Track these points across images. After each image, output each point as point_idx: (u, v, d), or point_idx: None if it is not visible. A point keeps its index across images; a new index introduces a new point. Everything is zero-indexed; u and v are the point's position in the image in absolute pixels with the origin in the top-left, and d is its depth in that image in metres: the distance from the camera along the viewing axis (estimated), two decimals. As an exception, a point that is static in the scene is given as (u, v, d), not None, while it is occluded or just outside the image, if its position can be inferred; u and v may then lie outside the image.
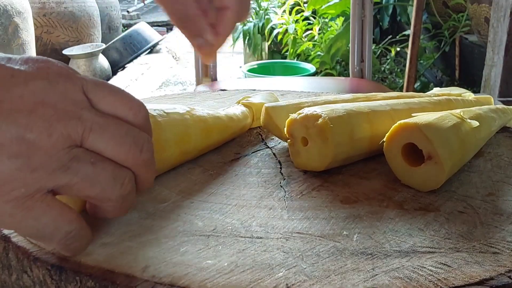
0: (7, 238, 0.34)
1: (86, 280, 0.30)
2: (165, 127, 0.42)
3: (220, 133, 0.49)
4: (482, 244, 0.34)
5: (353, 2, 1.28)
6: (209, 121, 0.47)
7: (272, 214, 0.37)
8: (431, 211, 0.38)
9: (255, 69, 2.14)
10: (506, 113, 0.56)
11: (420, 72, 2.54)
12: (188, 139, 0.44)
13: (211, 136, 0.48)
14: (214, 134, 0.48)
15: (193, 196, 0.40)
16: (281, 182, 0.43)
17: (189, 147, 0.45)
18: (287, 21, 2.66)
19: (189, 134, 0.44)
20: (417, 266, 0.31)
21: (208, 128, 0.47)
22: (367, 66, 1.31)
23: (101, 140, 0.29)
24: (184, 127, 0.44)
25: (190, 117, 0.45)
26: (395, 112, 0.48)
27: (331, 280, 0.30)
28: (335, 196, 0.40)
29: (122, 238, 0.34)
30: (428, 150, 0.39)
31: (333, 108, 0.44)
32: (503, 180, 0.44)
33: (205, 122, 0.47)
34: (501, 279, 0.30)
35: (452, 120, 0.43)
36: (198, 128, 0.45)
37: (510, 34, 1.63)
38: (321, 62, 2.49)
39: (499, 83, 1.68)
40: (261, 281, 0.29)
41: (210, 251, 0.32)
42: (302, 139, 0.44)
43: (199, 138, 0.46)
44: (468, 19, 2.27)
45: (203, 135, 0.46)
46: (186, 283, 0.29)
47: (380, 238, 0.34)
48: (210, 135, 0.47)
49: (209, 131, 0.47)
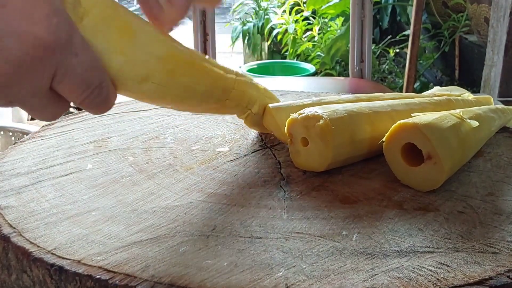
0: (7, 238, 0.34)
1: (86, 280, 0.30)
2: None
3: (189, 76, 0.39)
4: (482, 244, 0.34)
5: (352, 2, 1.28)
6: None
7: (272, 214, 0.37)
8: (430, 211, 0.38)
9: (254, 69, 2.14)
10: (506, 113, 0.56)
11: (420, 72, 2.54)
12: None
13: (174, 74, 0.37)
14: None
15: (193, 196, 0.40)
16: (280, 182, 0.43)
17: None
18: (287, 21, 2.66)
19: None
20: (416, 266, 0.31)
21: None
22: (366, 66, 1.31)
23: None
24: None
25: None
26: (396, 113, 0.48)
27: (331, 280, 0.30)
28: (335, 196, 0.40)
29: (122, 238, 0.34)
30: (428, 150, 0.40)
31: (334, 108, 0.44)
32: (503, 180, 0.44)
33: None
34: (501, 279, 0.30)
35: (451, 120, 0.43)
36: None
37: (509, 34, 1.63)
38: (321, 62, 2.49)
39: (499, 83, 1.68)
40: (260, 280, 0.29)
41: (210, 251, 0.32)
42: (302, 139, 0.44)
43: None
44: (468, 19, 2.27)
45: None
46: (185, 283, 0.29)
47: (379, 238, 0.34)
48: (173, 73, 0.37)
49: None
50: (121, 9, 0.33)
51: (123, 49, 0.33)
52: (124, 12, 0.34)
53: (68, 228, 0.35)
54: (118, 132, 0.55)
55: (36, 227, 0.35)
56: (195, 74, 0.39)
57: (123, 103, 0.65)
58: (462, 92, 0.62)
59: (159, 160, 0.47)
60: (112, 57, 0.32)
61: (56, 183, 0.43)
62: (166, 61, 0.36)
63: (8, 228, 0.35)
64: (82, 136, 0.53)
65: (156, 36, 0.36)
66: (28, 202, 0.39)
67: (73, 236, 0.34)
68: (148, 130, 0.55)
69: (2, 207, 0.38)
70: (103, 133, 0.54)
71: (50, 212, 0.38)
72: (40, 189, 0.41)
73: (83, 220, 0.36)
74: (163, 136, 0.54)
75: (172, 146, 0.51)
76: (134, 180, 0.43)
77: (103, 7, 0.32)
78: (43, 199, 0.40)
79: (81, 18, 0.30)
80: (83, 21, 0.31)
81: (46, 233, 0.35)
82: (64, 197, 0.40)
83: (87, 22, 0.31)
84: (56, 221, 0.36)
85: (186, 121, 0.58)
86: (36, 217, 0.37)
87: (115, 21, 0.33)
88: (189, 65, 0.39)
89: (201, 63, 0.40)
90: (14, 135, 1.26)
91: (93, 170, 0.45)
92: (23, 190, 0.41)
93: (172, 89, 0.37)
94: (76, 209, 0.38)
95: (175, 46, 0.38)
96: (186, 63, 0.38)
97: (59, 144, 0.51)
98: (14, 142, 0.55)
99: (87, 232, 0.35)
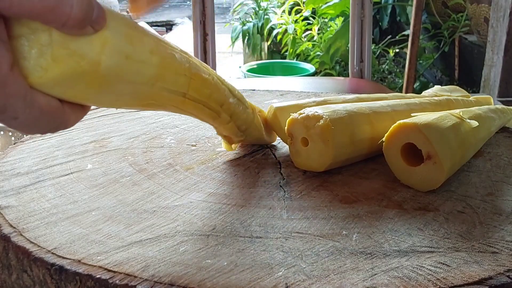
0: (7, 238, 0.34)
1: (86, 279, 0.30)
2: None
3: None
4: (481, 243, 0.34)
5: (352, 2, 1.28)
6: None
7: (272, 214, 0.37)
8: (430, 211, 0.38)
9: (254, 69, 2.14)
10: (505, 113, 0.56)
11: (420, 72, 2.54)
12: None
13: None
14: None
15: (193, 196, 0.40)
16: (280, 182, 0.43)
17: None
18: (287, 21, 2.66)
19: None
20: (416, 265, 0.31)
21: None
22: (366, 66, 1.31)
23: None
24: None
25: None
26: (396, 113, 0.48)
27: (330, 279, 0.30)
28: (335, 196, 0.40)
29: (122, 237, 0.34)
30: (427, 150, 0.40)
31: (334, 109, 0.44)
32: (503, 180, 0.44)
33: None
34: (500, 279, 0.30)
35: (451, 120, 0.43)
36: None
37: (509, 34, 1.63)
38: (321, 62, 2.49)
39: (499, 83, 1.68)
40: (260, 280, 0.30)
41: (210, 251, 0.33)
42: (302, 140, 0.44)
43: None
44: (468, 19, 2.27)
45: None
46: (185, 283, 0.29)
47: (379, 237, 0.34)
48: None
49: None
50: (107, 57, 0.28)
51: (88, 97, 0.29)
52: (110, 61, 0.28)
53: (68, 228, 0.35)
54: (118, 132, 0.55)
55: (36, 227, 0.35)
56: (174, 109, 0.36)
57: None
58: (461, 93, 0.62)
59: (159, 160, 0.47)
60: (70, 99, 0.29)
61: (56, 183, 0.43)
62: (143, 99, 0.33)
63: (8, 228, 0.35)
64: (82, 136, 0.53)
65: (146, 78, 0.31)
66: (28, 202, 0.39)
67: (73, 236, 0.34)
68: (148, 130, 0.55)
69: (2, 207, 0.38)
70: (103, 133, 0.54)
71: (50, 212, 0.38)
72: (40, 189, 0.41)
73: (83, 220, 0.36)
74: (163, 136, 0.54)
75: (172, 146, 0.51)
76: (134, 180, 0.43)
77: (79, 61, 0.27)
78: (43, 199, 0.40)
79: (44, 70, 0.26)
80: (44, 75, 0.26)
81: (46, 232, 0.35)
82: (64, 197, 0.40)
83: (48, 77, 0.26)
84: (56, 221, 0.36)
85: (186, 121, 0.58)
86: (36, 217, 0.37)
87: (88, 76, 0.28)
88: (172, 102, 0.35)
89: (189, 95, 0.36)
90: (14, 135, 1.26)
91: (93, 170, 0.45)
92: (23, 190, 0.41)
93: (147, 109, 0.36)
94: (76, 209, 0.38)
95: (169, 82, 0.33)
96: (169, 101, 0.35)
97: (59, 144, 0.51)
98: (14, 142, 0.55)
99: (87, 232, 0.35)
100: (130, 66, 0.29)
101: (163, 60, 0.32)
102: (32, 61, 0.26)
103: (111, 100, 0.31)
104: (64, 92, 0.28)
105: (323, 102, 0.51)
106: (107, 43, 0.28)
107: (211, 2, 1.22)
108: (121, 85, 0.30)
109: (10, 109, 0.26)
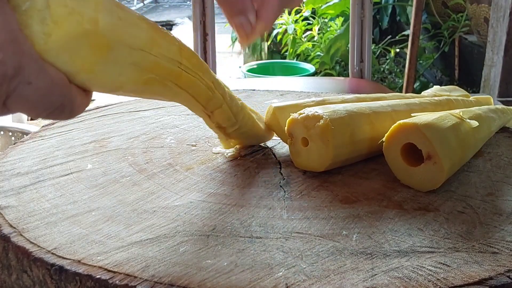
0: (7, 238, 0.34)
1: (86, 280, 0.30)
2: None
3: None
4: (482, 244, 0.34)
5: (352, 2, 1.28)
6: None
7: (272, 214, 0.37)
8: (430, 211, 0.38)
9: (254, 69, 2.14)
10: (505, 113, 0.56)
11: (420, 72, 2.55)
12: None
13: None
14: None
15: (193, 196, 0.40)
16: (280, 182, 0.43)
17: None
18: (287, 21, 2.66)
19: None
20: (416, 266, 0.31)
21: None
22: (366, 66, 1.31)
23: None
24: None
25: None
26: (396, 113, 0.48)
27: (331, 279, 0.30)
28: (335, 196, 0.40)
29: (122, 238, 0.34)
30: (428, 150, 0.40)
31: (334, 109, 0.44)
32: (503, 180, 0.44)
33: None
34: (500, 279, 0.30)
35: (451, 120, 0.43)
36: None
37: (509, 34, 1.63)
38: (321, 62, 2.49)
39: (499, 83, 1.68)
40: (260, 280, 0.29)
41: (210, 251, 0.33)
42: (302, 140, 0.44)
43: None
44: (468, 19, 2.27)
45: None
46: (185, 283, 0.29)
47: (379, 238, 0.34)
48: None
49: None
50: (103, 17, 0.28)
51: (91, 68, 0.29)
52: (106, 21, 0.28)
53: (68, 228, 0.35)
54: (118, 132, 0.55)
55: (36, 227, 0.35)
56: (172, 88, 0.36)
57: (123, 103, 0.65)
58: (461, 93, 0.62)
59: (159, 160, 0.47)
60: (75, 76, 0.28)
61: (56, 183, 0.43)
62: (144, 72, 0.33)
63: (8, 228, 0.35)
64: (82, 136, 0.53)
65: (142, 44, 0.32)
66: (28, 202, 0.39)
67: (73, 236, 0.34)
68: (148, 130, 0.55)
69: (2, 207, 0.38)
70: (103, 133, 0.54)
71: (50, 212, 0.38)
72: (40, 189, 0.41)
73: (83, 220, 0.36)
74: (163, 136, 0.54)
75: (172, 146, 0.51)
76: (134, 180, 0.43)
77: (79, 20, 0.27)
78: (43, 199, 0.40)
79: (48, 35, 0.26)
80: (49, 41, 0.26)
81: (46, 233, 0.35)
82: (64, 197, 0.40)
83: (53, 42, 0.26)
84: (56, 221, 0.36)
85: (186, 121, 0.58)
86: (36, 217, 0.37)
87: (90, 37, 0.28)
88: (173, 77, 0.36)
89: (190, 78, 0.37)
90: (14, 135, 1.26)
91: (93, 170, 0.45)
92: (23, 190, 0.41)
93: (147, 94, 0.36)
94: (76, 209, 0.38)
95: (163, 54, 0.34)
96: (170, 75, 0.35)
97: (59, 144, 0.51)
98: (14, 142, 0.55)
99: (87, 232, 0.35)
100: (125, 27, 0.30)
101: (151, 26, 0.33)
102: (34, 28, 0.26)
103: (115, 74, 0.31)
104: (71, 60, 0.28)
105: (323, 102, 0.51)
106: (100, 3, 0.28)
107: (211, 2, 1.22)
108: (121, 50, 0.30)
109: (25, 70, 0.25)
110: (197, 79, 0.38)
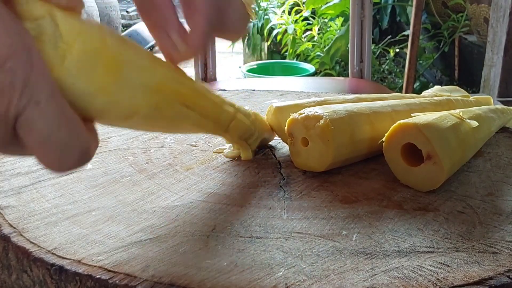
0: (7, 238, 0.34)
1: (86, 279, 0.30)
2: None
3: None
4: (481, 244, 0.34)
5: (352, 2, 1.28)
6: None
7: (272, 214, 0.37)
8: (430, 211, 0.38)
9: (254, 69, 2.14)
10: (505, 113, 0.56)
11: (420, 72, 2.55)
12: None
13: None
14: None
15: (193, 196, 0.40)
16: (280, 182, 0.43)
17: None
18: (287, 21, 2.66)
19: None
20: (416, 265, 0.31)
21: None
22: (366, 66, 1.31)
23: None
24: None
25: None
26: (396, 113, 0.48)
27: (330, 279, 0.30)
28: (335, 196, 0.40)
29: (122, 238, 0.34)
30: (427, 150, 0.40)
31: (334, 109, 0.44)
32: (503, 180, 0.44)
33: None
34: (500, 279, 0.30)
35: (451, 120, 0.43)
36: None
37: (509, 34, 1.63)
38: (321, 63, 2.49)
39: (499, 83, 1.68)
40: (260, 280, 0.30)
41: (210, 251, 0.33)
42: (303, 140, 0.44)
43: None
44: (468, 19, 2.27)
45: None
46: (185, 283, 0.29)
47: (379, 238, 0.34)
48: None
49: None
50: (108, 37, 0.28)
51: (107, 88, 0.28)
52: (111, 41, 0.28)
53: (68, 228, 0.35)
54: (118, 132, 0.55)
55: (36, 227, 0.35)
56: (182, 110, 0.36)
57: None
58: (461, 93, 0.62)
59: (159, 160, 0.47)
60: (94, 99, 0.27)
61: (56, 183, 0.43)
62: (154, 93, 0.32)
63: (8, 228, 0.35)
64: (82, 136, 0.53)
65: (146, 64, 0.31)
66: (28, 202, 0.39)
67: (73, 236, 0.34)
68: (148, 130, 0.55)
69: (2, 207, 0.38)
70: (103, 133, 0.54)
71: (50, 212, 0.38)
72: (40, 189, 0.41)
73: (83, 220, 0.36)
74: (163, 136, 0.54)
75: (172, 146, 0.51)
76: (134, 180, 0.43)
77: (88, 38, 0.27)
78: (43, 199, 0.40)
79: (63, 57, 0.25)
80: (65, 61, 0.25)
81: (46, 233, 0.35)
82: (64, 197, 0.40)
83: (69, 62, 0.25)
84: (56, 221, 0.36)
85: (186, 121, 0.58)
86: (36, 217, 0.37)
87: (101, 55, 0.27)
88: (181, 97, 0.35)
89: (195, 95, 0.37)
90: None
91: (93, 170, 0.45)
92: (23, 190, 0.41)
93: (159, 121, 0.35)
94: (76, 209, 0.38)
95: (166, 75, 0.34)
96: (177, 95, 0.35)
97: (59, 144, 0.51)
98: (14, 142, 0.54)
99: (87, 232, 0.35)
100: (129, 48, 0.30)
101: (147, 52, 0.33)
102: (49, 52, 0.25)
103: (129, 96, 0.30)
104: (89, 79, 0.27)
105: (323, 102, 0.51)
106: (102, 26, 0.28)
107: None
108: (130, 70, 0.30)
109: (34, 86, 0.23)
110: (201, 97, 0.38)
